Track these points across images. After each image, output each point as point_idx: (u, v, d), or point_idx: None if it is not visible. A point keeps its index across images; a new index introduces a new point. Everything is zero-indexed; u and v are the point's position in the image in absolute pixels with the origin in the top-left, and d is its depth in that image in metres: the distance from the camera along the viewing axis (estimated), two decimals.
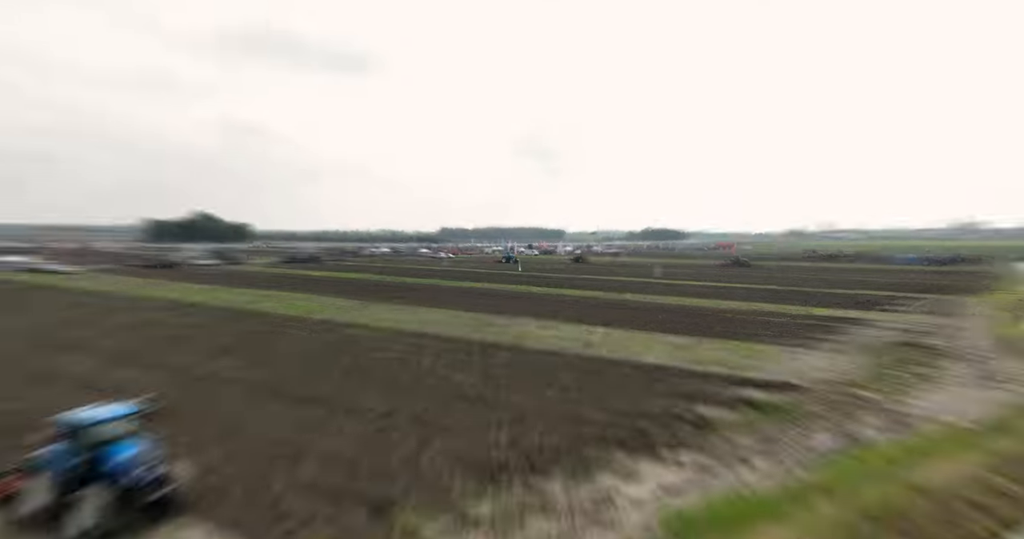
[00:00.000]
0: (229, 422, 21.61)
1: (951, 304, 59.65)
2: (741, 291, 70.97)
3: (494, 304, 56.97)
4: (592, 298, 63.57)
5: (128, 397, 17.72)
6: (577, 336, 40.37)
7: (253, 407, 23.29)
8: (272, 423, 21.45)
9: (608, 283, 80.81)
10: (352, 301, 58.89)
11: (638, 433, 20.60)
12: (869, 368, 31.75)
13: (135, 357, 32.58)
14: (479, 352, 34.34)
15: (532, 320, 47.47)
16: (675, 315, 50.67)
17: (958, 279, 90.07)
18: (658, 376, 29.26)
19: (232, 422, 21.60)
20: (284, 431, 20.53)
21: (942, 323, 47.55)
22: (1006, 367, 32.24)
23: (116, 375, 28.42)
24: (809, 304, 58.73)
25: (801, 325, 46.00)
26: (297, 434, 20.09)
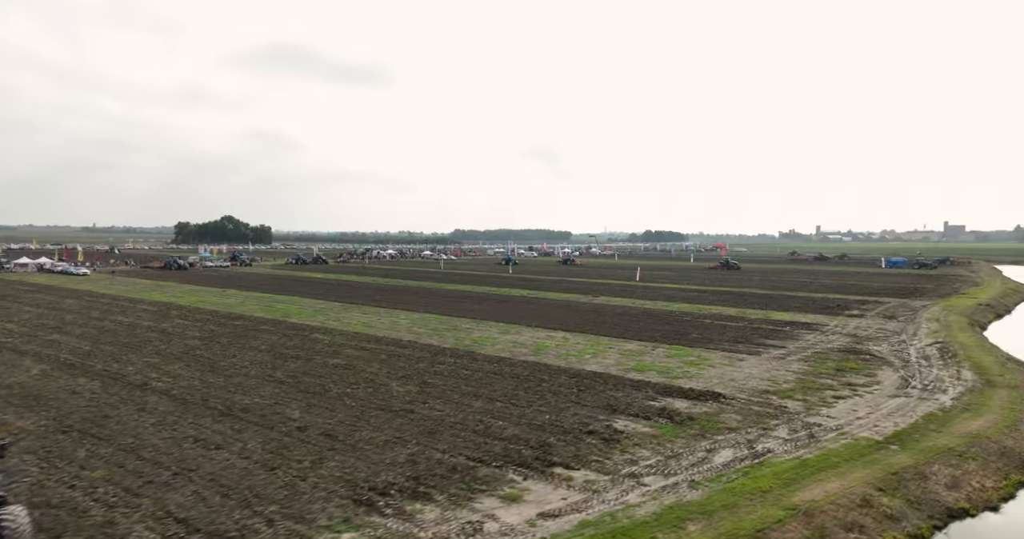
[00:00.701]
0: (126, 439, 20.16)
1: (914, 309, 58.34)
2: (714, 294, 69.86)
3: (471, 308, 56.23)
4: (568, 301, 62.69)
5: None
6: (534, 342, 39.54)
7: (165, 421, 21.93)
8: (174, 440, 20.09)
9: (589, 286, 79.88)
10: (335, 303, 58.33)
11: (542, 450, 19.72)
12: (803, 376, 30.73)
13: (84, 363, 31.92)
14: (429, 358, 33.57)
15: (499, 324, 46.73)
16: (640, 320, 49.71)
17: (934, 283, 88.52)
18: (592, 385, 28.37)
19: (129, 439, 20.12)
20: (181, 450, 19.20)
21: (896, 328, 46.35)
22: (937, 375, 31.11)
23: (56, 383, 27.83)
24: (774, 308, 57.60)
25: (757, 330, 44.94)
26: (193, 452, 18.72)
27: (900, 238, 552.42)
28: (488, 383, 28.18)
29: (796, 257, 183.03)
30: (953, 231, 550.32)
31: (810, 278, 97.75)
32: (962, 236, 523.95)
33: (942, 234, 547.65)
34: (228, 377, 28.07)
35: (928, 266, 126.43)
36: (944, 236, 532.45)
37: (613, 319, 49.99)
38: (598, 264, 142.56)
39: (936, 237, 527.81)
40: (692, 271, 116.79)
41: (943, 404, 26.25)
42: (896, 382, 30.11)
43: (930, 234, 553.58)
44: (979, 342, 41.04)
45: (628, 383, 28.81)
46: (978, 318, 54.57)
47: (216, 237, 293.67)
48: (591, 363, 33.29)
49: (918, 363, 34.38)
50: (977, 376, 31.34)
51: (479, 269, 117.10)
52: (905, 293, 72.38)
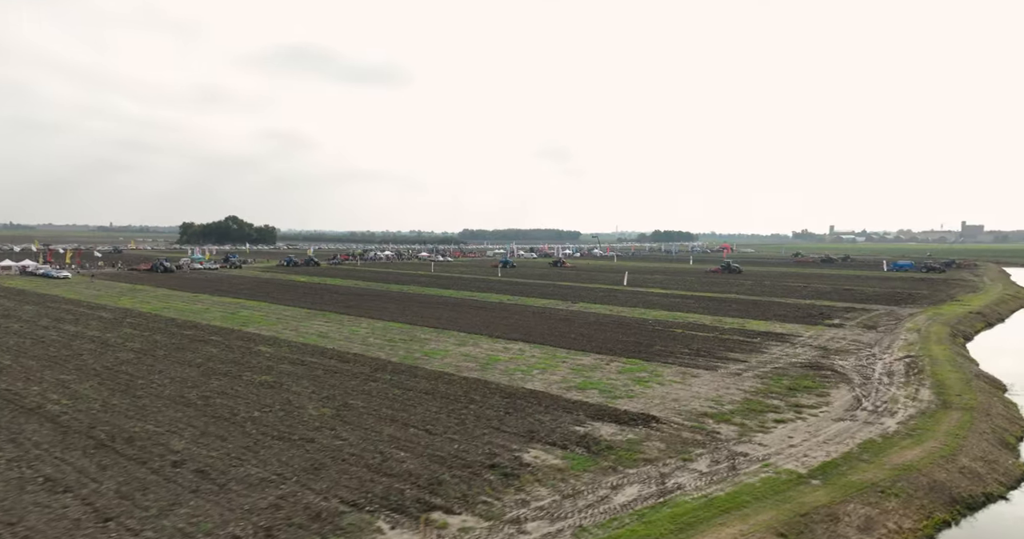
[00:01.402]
0: None
1: (900, 317, 56.74)
2: (697, 301, 68.41)
3: (441, 315, 55.16)
4: (544, 308, 61.47)
5: None
6: (487, 355, 38.41)
7: (27, 456, 20.34)
8: (20, 481, 18.32)
9: (573, 291, 78.60)
10: (303, 310, 57.43)
11: (430, 489, 18.46)
12: (752, 396, 29.43)
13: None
14: (366, 375, 32.49)
15: (460, 334, 45.66)
16: (608, 329, 48.45)
17: (932, 288, 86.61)
18: (524, 407, 27.20)
19: None
20: (20, 494, 17.48)
21: (870, 340, 44.85)
22: (892, 396, 29.70)
23: None
24: (754, 317, 56.16)
25: (725, 342, 43.60)
26: (31, 498, 17.13)
27: (916, 238, 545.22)
28: (413, 405, 27.05)
29: (801, 258, 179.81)
30: (971, 231, 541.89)
31: (806, 282, 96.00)
32: (980, 236, 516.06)
33: (959, 234, 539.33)
34: (135, 398, 27.04)
35: (936, 269, 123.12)
36: (961, 236, 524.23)
37: (581, 329, 48.77)
38: (592, 266, 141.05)
39: (953, 237, 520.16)
40: (687, 274, 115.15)
41: (886, 429, 24.91)
42: (847, 403, 28.76)
43: (947, 234, 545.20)
44: (952, 356, 39.48)
45: (563, 404, 27.62)
46: (964, 328, 52.89)
47: (221, 237, 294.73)
48: (535, 380, 32.10)
49: (879, 381, 32.98)
50: (935, 396, 29.95)
51: (470, 272, 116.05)
52: (897, 300, 70.65)
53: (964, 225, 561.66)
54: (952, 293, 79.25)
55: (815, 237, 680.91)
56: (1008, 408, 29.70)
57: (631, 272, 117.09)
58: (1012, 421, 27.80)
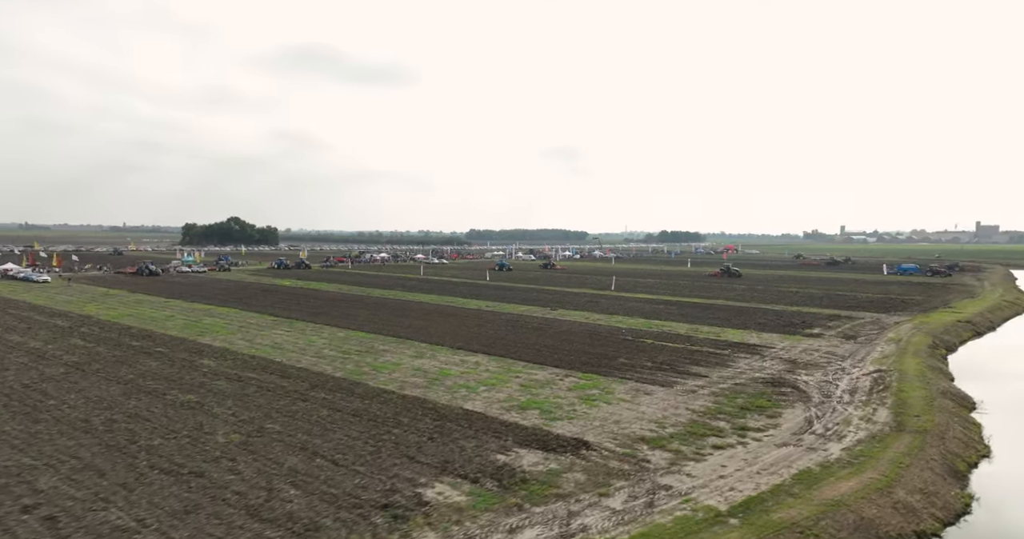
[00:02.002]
0: None
1: (884, 326, 55.13)
2: (679, 307, 66.91)
3: (409, 324, 53.97)
4: (519, 316, 60.17)
5: None
6: (439, 369, 37.15)
7: None
8: None
9: (556, 297, 77.22)
10: (269, 318, 56.35)
11: (303, 536, 17.17)
12: (699, 418, 28.06)
13: None
14: (302, 392, 31.25)
15: (420, 345, 44.43)
16: (576, 340, 47.11)
17: (927, 294, 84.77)
18: (452, 431, 25.92)
19: None
20: None
21: (845, 352, 43.32)
22: (847, 417, 28.24)
23: None
24: (733, 325, 54.69)
25: (692, 354, 42.19)
26: None
27: (928, 238, 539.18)
28: (334, 429, 25.79)
29: (805, 261, 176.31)
30: (986, 231, 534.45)
31: (801, 287, 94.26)
32: (995, 237, 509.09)
33: (974, 234, 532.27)
34: (33, 423, 25.81)
35: (941, 273, 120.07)
36: (976, 237, 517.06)
37: (549, 339, 47.47)
38: (585, 269, 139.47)
39: (967, 238, 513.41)
40: (681, 278, 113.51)
41: (828, 457, 23.49)
42: (797, 425, 27.35)
43: (961, 234, 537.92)
44: (924, 371, 37.89)
45: (495, 428, 26.30)
46: (948, 338, 51.20)
47: (223, 238, 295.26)
48: (478, 399, 30.81)
49: (838, 399, 31.51)
50: (892, 417, 28.48)
51: (462, 275, 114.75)
52: (887, 306, 68.92)
53: (979, 225, 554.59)
54: (947, 299, 77.40)
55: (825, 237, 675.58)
56: (968, 430, 28.19)
57: (625, 275, 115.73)
58: (967, 445, 26.31)
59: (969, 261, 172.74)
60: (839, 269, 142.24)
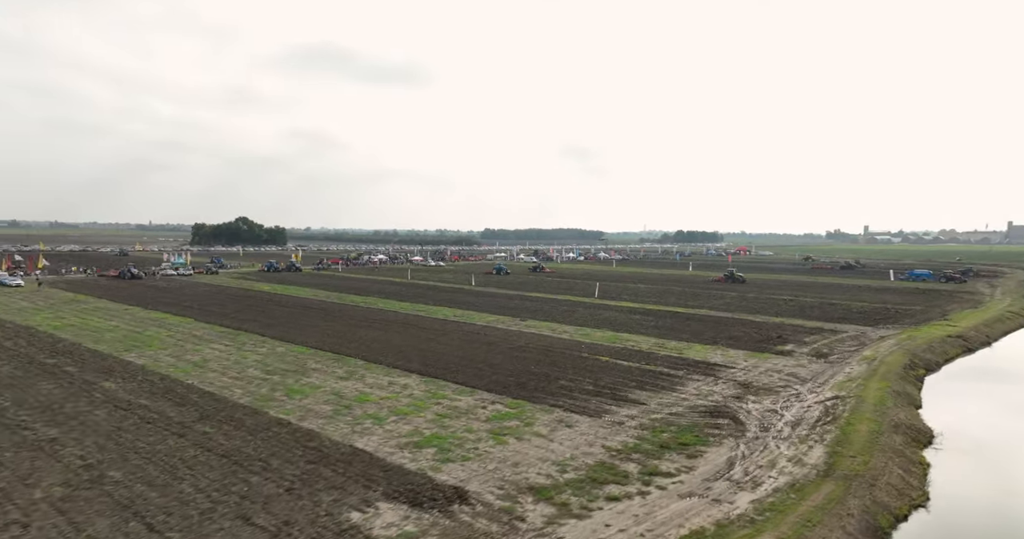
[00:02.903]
0: None
1: (864, 342, 52.21)
2: (656, 318, 64.27)
3: (362, 337, 52.05)
4: (483, 327, 57.98)
5: None
6: (358, 394, 35.04)
7: None
8: None
9: (535, 305, 74.87)
10: (217, 330, 54.58)
11: None
12: (610, 458, 25.68)
13: None
14: (185, 425, 28.98)
15: (355, 362, 42.42)
16: (527, 357, 44.84)
17: (928, 303, 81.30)
18: (320, 476, 23.60)
19: None
20: None
21: (809, 373, 40.61)
22: (775, 457, 25.67)
23: None
24: (702, 340, 52.10)
25: (643, 375, 39.74)
26: None
27: (957, 239, 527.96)
28: (186, 476, 23.15)
29: (818, 265, 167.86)
30: (1018, 232, 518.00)
31: (797, 294, 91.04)
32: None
33: (1005, 235, 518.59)
34: None
35: (955, 280, 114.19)
36: (1007, 237, 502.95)
37: (498, 356, 45.24)
38: (578, 273, 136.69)
39: (997, 238, 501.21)
40: (677, 283, 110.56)
41: (731, 512, 21.03)
42: (716, 468, 24.87)
43: (991, 235, 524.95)
44: (885, 397, 35.10)
45: (372, 473, 23.79)
46: (930, 356, 48.19)
47: (231, 238, 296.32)
48: (378, 433, 28.56)
49: (777, 434, 28.95)
50: (826, 457, 25.91)
51: (450, 279, 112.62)
52: (878, 318, 65.78)
53: (1011, 225, 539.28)
54: (947, 309, 73.96)
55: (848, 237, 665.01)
56: (907, 473, 25.52)
57: (618, 280, 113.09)
58: (901, 493, 23.67)
59: (991, 265, 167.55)
60: (849, 274, 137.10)
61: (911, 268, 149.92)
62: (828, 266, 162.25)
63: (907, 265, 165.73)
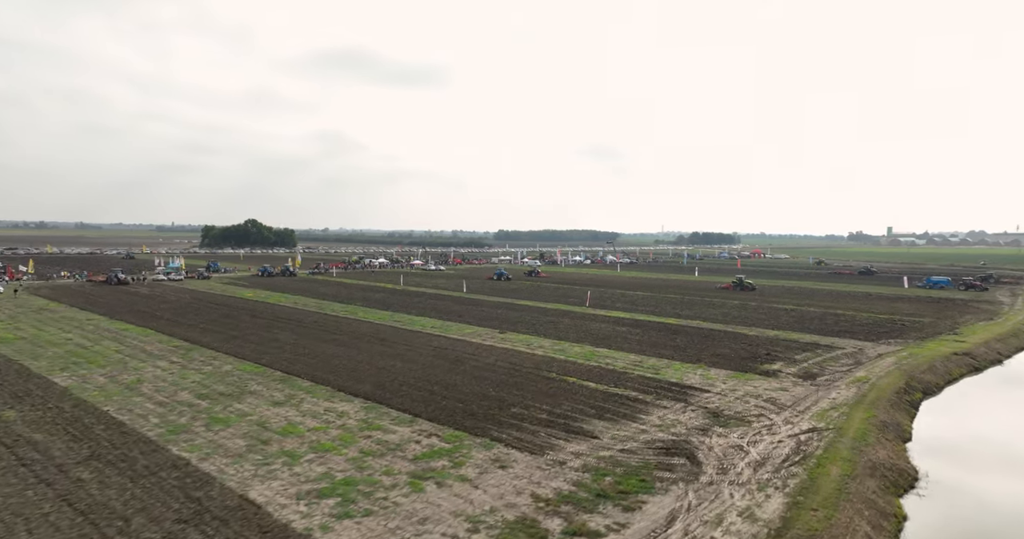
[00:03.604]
0: None
1: (860, 361, 48.65)
2: (643, 331, 60.92)
3: (324, 352, 49.33)
4: (457, 341, 55.04)
5: None
6: (286, 424, 32.22)
7: None
8: None
9: (519, 315, 71.76)
10: (174, 344, 52.01)
11: None
12: (534, 511, 22.62)
13: None
14: (61, 469, 26.26)
15: (302, 385, 39.59)
16: (486, 379, 41.83)
17: (939, 313, 77.40)
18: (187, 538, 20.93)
19: None
20: None
21: (791, 399, 37.20)
22: (726, 508, 22.42)
23: None
24: (684, 359, 48.79)
25: (606, 401, 36.59)
26: None
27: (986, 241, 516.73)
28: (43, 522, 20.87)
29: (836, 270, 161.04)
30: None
31: (802, 303, 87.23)
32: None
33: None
34: None
35: (976, 287, 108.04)
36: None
37: (456, 376, 42.29)
38: (576, 278, 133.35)
39: None
40: (678, 290, 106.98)
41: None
42: (652, 526, 21.69)
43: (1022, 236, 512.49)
44: (870, 429, 31.69)
45: (246, 535, 20.97)
46: (930, 378, 44.55)
47: (240, 240, 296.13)
48: (282, 477, 25.40)
49: (735, 477, 25.69)
50: (783, 510, 22.65)
51: (443, 285, 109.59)
52: (882, 332, 62.00)
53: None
54: (959, 321, 69.90)
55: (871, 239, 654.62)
56: (876, 530, 22.17)
57: (616, 286, 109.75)
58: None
59: (1019, 270, 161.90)
60: (865, 280, 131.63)
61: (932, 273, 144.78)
62: (846, 272, 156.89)
63: (927, 270, 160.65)
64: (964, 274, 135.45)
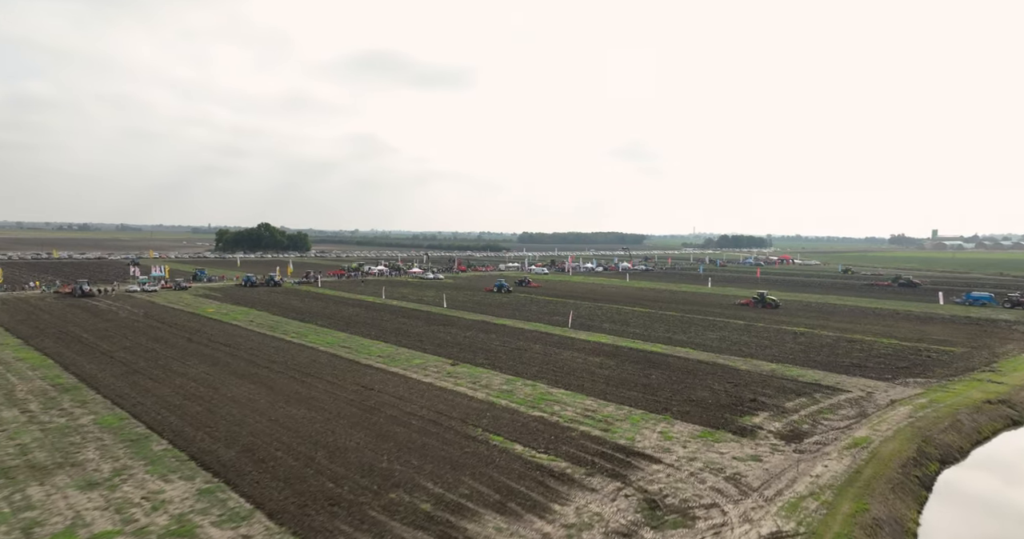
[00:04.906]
0: None
1: (864, 411, 40.14)
2: (619, 364, 52.77)
3: (219, 397, 42.38)
4: (394, 377, 47.65)
5: None
6: (65, 527, 25.20)
7: None
8: None
9: (488, 338, 63.99)
10: (61, 382, 45.17)
11: None
12: None
13: None
14: None
15: (148, 451, 32.54)
16: (394, 438, 34.33)
17: (973, 340, 67.99)
18: None
19: None
20: None
21: (763, 474, 28.98)
22: None
23: None
24: (648, 406, 40.76)
25: (524, 475, 28.80)
26: None
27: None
28: None
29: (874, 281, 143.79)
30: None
31: (817, 323, 78.27)
32: None
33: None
34: None
35: (1017, 304, 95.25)
36: None
37: (356, 436, 34.81)
38: (573, 290, 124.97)
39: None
40: (681, 307, 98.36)
41: None
42: None
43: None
44: (857, 535, 23.48)
45: None
46: (950, 439, 35.86)
47: (253, 244, 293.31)
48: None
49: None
50: None
51: (427, 298, 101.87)
52: (900, 367, 53.14)
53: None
54: (998, 352, 60.48)
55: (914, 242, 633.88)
56: None
57: (616, 300, 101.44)
58: None
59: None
60: (897, 294, 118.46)
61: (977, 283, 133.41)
62: (881, 283, 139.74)
63: (970, 281, 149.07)
64: (1014, 287, 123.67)
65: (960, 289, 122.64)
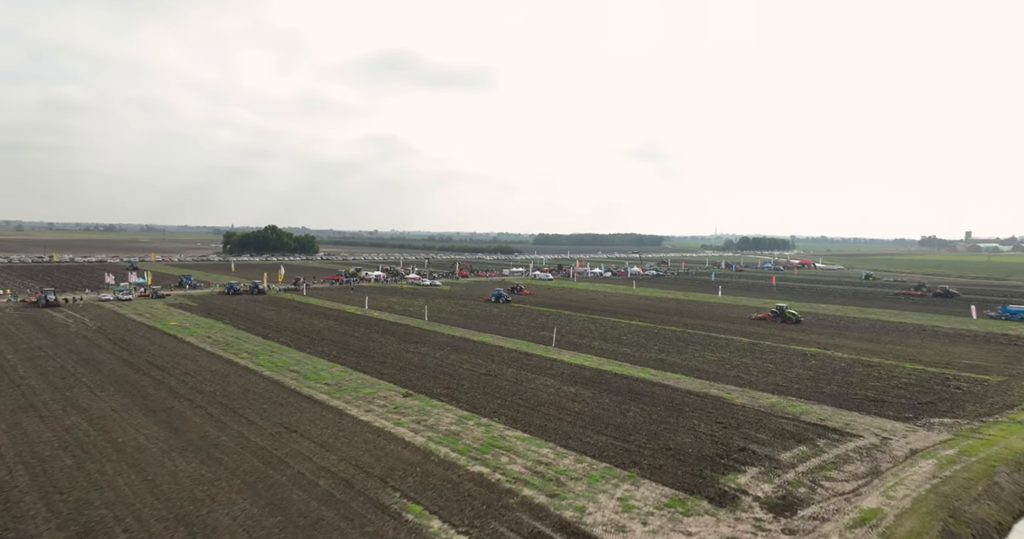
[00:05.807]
0: None
1: (877, 467, 33.12)
2: (597, 394, 46.01)
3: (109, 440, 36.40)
4: (331, 412, 41.35)
5: None
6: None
7: None
8: None
9: (460, 360, 57.48)
10: None
11: None
12: None
13: None
14: None
15: None
16: (287, 509, 28.00)
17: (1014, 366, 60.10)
18: None
19: None
20: None
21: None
22: None
23: None
24: (617, 457, 34.04)
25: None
26: None
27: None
28: None
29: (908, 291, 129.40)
30: None
31: (830, 342, 70.91)
32: None
33: None
34: None
35: None
36: None
37: (239, 504, 28.53)
38: (570, 300, 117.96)
39: None
40: (685, 319, 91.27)
41: None
42: None
43: None
44: None
45: None
46: (985, 511, 28.75)
47: (260, 247, 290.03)
48: None
49: None
50: None
51: (411, 308, 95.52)
52: (924, 402, 45.90)
53: None
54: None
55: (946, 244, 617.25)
56: None
57: (615, 312, 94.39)
58: None
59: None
60: (929, 305, 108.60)
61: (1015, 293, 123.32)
62: (914, 293, 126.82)
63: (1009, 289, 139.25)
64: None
65: (996, 300, 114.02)
